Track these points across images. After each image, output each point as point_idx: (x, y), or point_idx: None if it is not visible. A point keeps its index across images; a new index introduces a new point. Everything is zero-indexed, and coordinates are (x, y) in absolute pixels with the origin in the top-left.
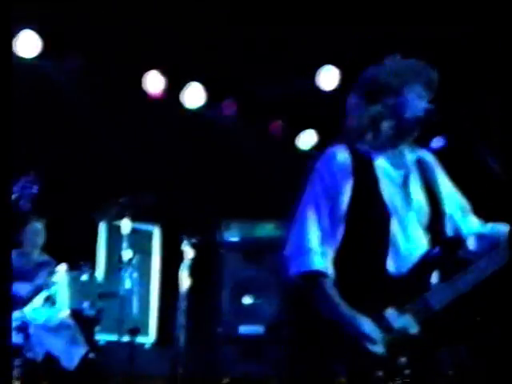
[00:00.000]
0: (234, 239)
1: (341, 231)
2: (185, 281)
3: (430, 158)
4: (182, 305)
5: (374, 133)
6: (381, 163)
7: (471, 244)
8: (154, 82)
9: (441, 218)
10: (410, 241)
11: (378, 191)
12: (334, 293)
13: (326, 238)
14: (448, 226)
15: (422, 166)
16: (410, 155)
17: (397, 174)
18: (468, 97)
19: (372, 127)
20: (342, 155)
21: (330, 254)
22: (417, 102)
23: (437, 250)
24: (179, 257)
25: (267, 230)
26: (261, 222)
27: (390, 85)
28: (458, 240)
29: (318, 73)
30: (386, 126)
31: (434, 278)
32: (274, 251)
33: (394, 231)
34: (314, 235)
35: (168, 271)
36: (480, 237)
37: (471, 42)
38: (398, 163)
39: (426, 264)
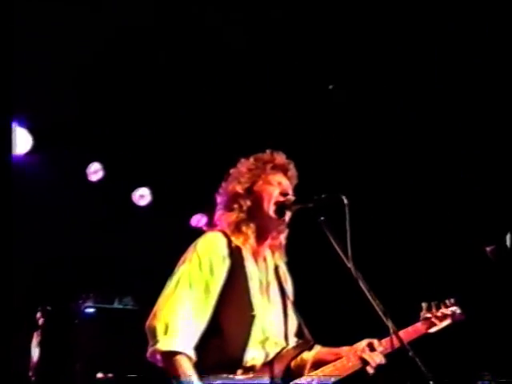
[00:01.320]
0: (90, 310)
1: (209, 314)
2: (36, 350)
3: (284, 267)
4: (32, 375)
5: (240, 234)
6: (250, 264)
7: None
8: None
9: (287, 323)
10: (267, 338)
11: (247, 289)
12: (193, 374)
13: (194, 319)
14: (294, 330)
15: (278, 273)
16: (270, 261)
17: (262, 278)
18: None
19: (237, 230)
20: (221, 243)
21: (196, 335)
22: (270, 190)
23: (290, 348)
24: (32, 325)
25: (124, 302)
26: (118, 294)
27: (238, 191)
28: (310, 342)
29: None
30: (247, 228)
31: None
32: (130, 324)
33: (255, 328)
34: (183, 314)
35: (19, 339)
36: None
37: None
38: (262, 267)
39: (279, 360)
